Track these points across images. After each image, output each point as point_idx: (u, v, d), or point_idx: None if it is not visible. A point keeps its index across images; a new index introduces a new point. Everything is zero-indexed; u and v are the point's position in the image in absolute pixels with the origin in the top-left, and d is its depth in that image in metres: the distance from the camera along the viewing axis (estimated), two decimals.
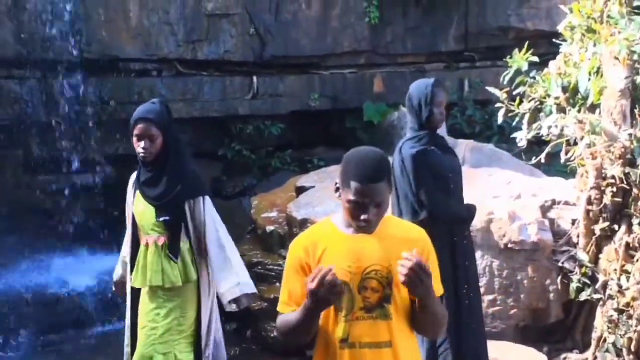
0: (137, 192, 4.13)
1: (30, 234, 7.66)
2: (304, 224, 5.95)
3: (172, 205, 4.07)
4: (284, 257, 6.26)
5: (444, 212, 4.36)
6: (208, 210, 4.12)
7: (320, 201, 6.19)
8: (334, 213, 2.77)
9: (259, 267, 6.35)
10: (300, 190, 6.69)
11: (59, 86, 8.03)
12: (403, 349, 2.65)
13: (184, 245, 4.12)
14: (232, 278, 4.12)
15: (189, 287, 4.14)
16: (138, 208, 4.12)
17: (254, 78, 9.35)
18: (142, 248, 4.14)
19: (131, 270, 4.22)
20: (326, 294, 2.43)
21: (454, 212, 4.48)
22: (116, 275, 4.53)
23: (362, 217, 2.56)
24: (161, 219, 4.06)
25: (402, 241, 2.64)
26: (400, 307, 2.65)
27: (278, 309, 2.70)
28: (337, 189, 2.66)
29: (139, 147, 4.02)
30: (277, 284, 6.26)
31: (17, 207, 7.83)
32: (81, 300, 6.83)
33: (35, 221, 7.89)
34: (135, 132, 4.03)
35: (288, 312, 2.65)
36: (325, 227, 2.73)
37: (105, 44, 8.40)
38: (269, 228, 6.45)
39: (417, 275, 2.45)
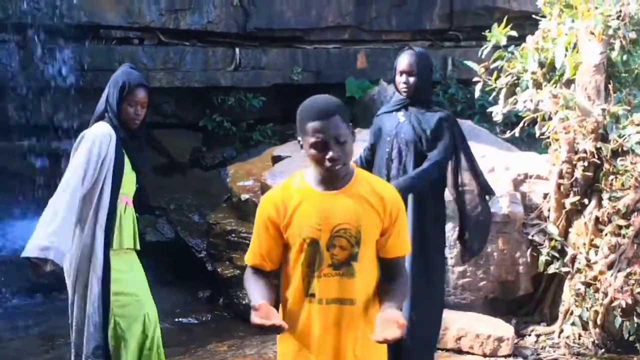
0: (125, 155, 3.92)
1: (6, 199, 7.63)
2: None
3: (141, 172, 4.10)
4: None
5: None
6: None
7: (295, 170, 6.16)
8: (306, 168, 2.75)
9: (233, 235, 6.35)
10: (276, 159, 6.69)
11: (39, 51, 7.96)
12: (365, 307, 2.67)
13: None
14: None
15: None
16: (126, 170, 3.94)
17: (237, 50, 9.29)
18: (122, 207, 3.92)
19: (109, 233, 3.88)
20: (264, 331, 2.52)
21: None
22: None
23: (327, 156, 2.56)
24: (138, 184, 4.04)
25: (373, 200, 2.66)
26: (365, 266, 2.67)
27: (246, 257, 2.74)
28: (300, 146, 2.67)
29: (133, 113, 3.84)
30: None
31: None
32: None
33: (12, 186, 7.85)
34: (135, 97, 3.84)
35: (254, 263, 2.71)
36: (296, 183, 2.72)
37: (87, 10, 8.31)
38: (244, 196, 6.44)
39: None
